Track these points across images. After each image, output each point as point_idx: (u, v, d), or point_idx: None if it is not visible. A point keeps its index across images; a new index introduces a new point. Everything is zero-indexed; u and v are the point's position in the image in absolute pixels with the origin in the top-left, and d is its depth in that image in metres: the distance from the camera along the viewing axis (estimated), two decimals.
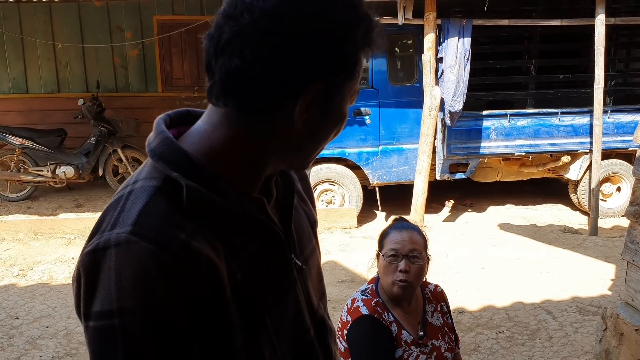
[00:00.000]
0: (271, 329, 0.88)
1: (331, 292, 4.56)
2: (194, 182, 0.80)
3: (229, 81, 0.79)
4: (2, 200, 7.42)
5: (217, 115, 0.84)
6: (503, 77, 6.73)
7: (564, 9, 6.51)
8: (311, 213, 1.09)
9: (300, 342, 0.95)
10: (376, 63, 6.45)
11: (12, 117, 8.23)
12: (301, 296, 0.96)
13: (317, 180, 6.50)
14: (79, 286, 0.77)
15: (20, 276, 5.00)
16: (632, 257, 2.80)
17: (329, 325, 1.05)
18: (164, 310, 0.74)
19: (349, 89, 0.85)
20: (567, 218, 6.80)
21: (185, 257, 0.76)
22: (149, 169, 0.84)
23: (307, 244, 1.02)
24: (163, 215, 0.78)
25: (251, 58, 0.76)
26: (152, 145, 0.83)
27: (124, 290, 0.73)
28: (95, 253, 0.75)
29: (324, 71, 0.80)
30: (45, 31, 8.40)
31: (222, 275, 0.80)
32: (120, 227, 0.76)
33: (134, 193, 0.80)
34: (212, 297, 0.78)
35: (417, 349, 2.01)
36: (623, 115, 6.59)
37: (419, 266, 2.00)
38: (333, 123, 0.87)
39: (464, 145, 6.46)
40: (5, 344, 3.76)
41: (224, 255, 0.82)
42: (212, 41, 0.79)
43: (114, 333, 0.73)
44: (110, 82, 8.71)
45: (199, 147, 0.84)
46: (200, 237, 0.79)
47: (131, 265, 0.73)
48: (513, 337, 3.79)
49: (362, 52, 0.83)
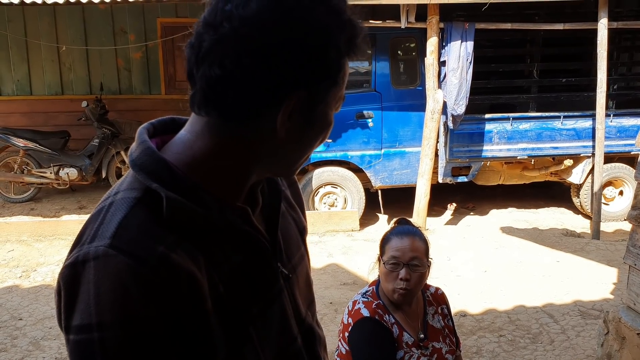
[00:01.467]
0: (256, 340, 0.87)
1: (333, 295, 4.57)
2: (174, 193, 0.79)
3: (209, 90, 0.78)
4: (6, 201, 7.45)
5: (199, 125, 0.83)
6: (506, 80, 6.73)
7: (566, 12, 6.49)
8: (300, 220, 1.07)
9: (287, 352, 0.94)
10: (379, 66, 6.46)
11: (16, 119, 8.28)
12: (288, 305, 0.95)
13: (320, 183, 6.51)
14: (60, 299, 0.77)
15: (23, 277, 5.02)
16: (634, 261, 2.80)
17: (317, 334, 1.04)
18: (143, 324, 0.74)
19: (333, 95, 0.84)
20: (569, 222, 6.80)
21: (163, 270, 0.75)
22: (130, 180, 0.83)
23: (295, 252, 1.01)
24: (142, 227, 0.77)
25: (231, 67, 0.75)
26: (134, 155, 0.82)
27: (102, 305, 0.73)
28: (74, 266, 0.75)
29: (306, 79, 0.79)
30: (50, 33, 8.44)
31: (202, 288, 0.79)
32: (99, 240, 0.75)
33: (114, 205, 0.80)
34: (192, 310, 0.77)
35: (418, 351, 2.01)
36: (626, 119, 6.58)
37: (420, 274, 2.00)
38: (317, 131, 0.86)
39: (466, 148, 6.46)
40: (9, 344, 3.78)
41: (206, 267, 0.80)
42: (193, 50, 0.78)
43: (93, 347, 0.73)
44: (114, 84, 8.74)
45: (181, 157, 0.83)
46: (180, 249, 0.78)
47: (109, 280, 0.73)
48: (515, 340, 3.79)
49: (346, 59, 0.82)
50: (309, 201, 6.49)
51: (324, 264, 5.33)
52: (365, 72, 6.69)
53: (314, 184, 6.46)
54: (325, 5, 0.78)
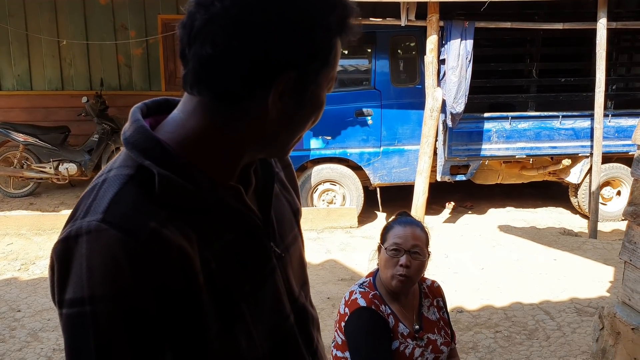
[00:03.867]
0: (248, 317, 0.87)
1: (331, 290, 4.59)
2: (166, 171, 0.79)
3: (201, 69, 0.78)
4: (5, 196, 7.46)
5: (191, 104, 0.84)
6: (505, 79, 6.75)
7: (566, 12, 6.51)
8: (294, 201, 1.07)
9: (279, 330, 0.95)
10: (379, 65, 6.48)
11: (16, 114, 8.27)
12: (280, 284, 0.95)
13: (319, 180, 6.52)
14: (53, 274, 0.78)
15: (22, 270, 5.03)
16: (629, 257, 2.82)
17: (310, 313, 1.05)
18: (134, 297, 0.74)
19: (324, 76, 0.84)
20: (567, 221, 6.81)
21: (154, 244, 0.76)
22: (123, 158, 0.84)
23: (288, 232, 1.01)
24: (134, 203, 0.78)
25: (222, 46, 0.76)
26: (127, 134, 0.83)
27: (94, 278, 0.73)
28: (67, 241, 0.76)
29: (296, 60, 0.79)
30: (50, 29, 8.44)
31: (194, 264, 0.80)
32: (91, 215, 0.76)
33: (107, 181, 0.81)
34: (183, 285, 0.78)
35: (413, 342, 2.03)
36: (624, 120, 6.60)
37: (420, 262, 2.03)
38: (309, 112, 0.86)
39: (465, 147, 6.47)
40: (7, 335, 3.80)
41: (198, 244, 0.81)
42: (185, 29, 0.79)
43: (86, 320, 0.74)
44: (114, 80, 8.75)
45: (174, 136, 0.83)
46: (172, 225, 0.78)
47: (101, 253, 0.74)
48: (511, 336, 3.81)
49: (337, 40, 0.82)
50: (308, 198, 6.50)
51: (322, 260, 5.35)
52: (365, 70, 6.71)
53: (313, 181, 6.48)
54: None
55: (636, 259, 2.77)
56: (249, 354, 0.88)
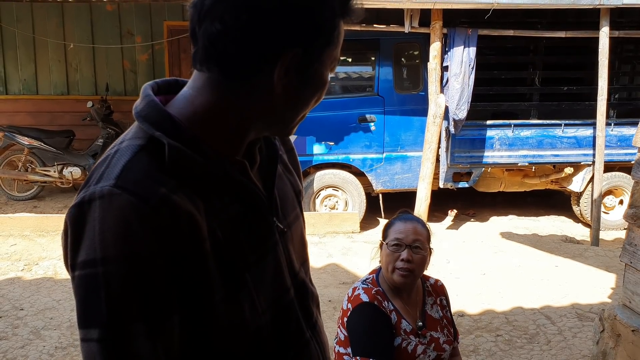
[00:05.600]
0: (251, 286, 0.90)
1: (332, 293, 4.60)
2: (176, 142, 0.83)
3: (210, 46, 0.82)
4: (9, 199, 7.50)
5: (200, 81, 0.88)
6: (508, 87, 6.78)
7: (569, 21, 6.55)
8: (296, 183, 1.12)
9: (280, 301, 0.98)
10: (382, 71, 6.52)
11: (22, 118, 8.35)
12: (282, 258, 0.99)
13: (321, 186, 6.54)
14: (66, 239, 0.81)
15: (25, 270, 5.05)
16: (629, 259, 2.83)
17: (310, 289, 1.08)
18: (144, 259, 0.77)
19: (328, 55, 0.88)
20: (569, 230, 6.81)
21: (165, 209, 0.79)
22: (135, 130, 0.87)
23: (290, 211, 1.05)
24: (145, 170, 0.81)
25: (231, 23, 0.80)
26: (138, 108, 0.87)
27: (106, 240, 0.76)
28: (81, 206, 0.79)
29: (301, 37, 0.83)
30: (57, 34, 8.52)
31: (201, 230, 0.83)
32: (104, 181, 0.79)
33: (120, 151, 0.84)
34: (191, 249, 0.81)
35: (416, 339, 2.05)
36: (626, 129, 6.61)
37: (421, 257, 2.05)
38: (313, 89, 0.90)
39: (467, 154, 6.50)
40: (10, 333, 3.81)
41: (205, 213, 0.84)
42: (195, 9, 0.83)
43: (97, 280, 0.77)
44: (120, 85, 8.81)
45: (183, 111, 0.87)
46: (181, 193, 0.82)
47: (113, 216, 0.77)
48: (512, 340, 3.81)
49: (340, 19, 0.86)
50: (310, 203, 6.53)
51: (324, 264, 5.36)
52: (369, 77, 6.76)
53: (316, 186, 6.50)
54: None
55: (636, 261, 2.78)
56: (252, 321, 0.91)
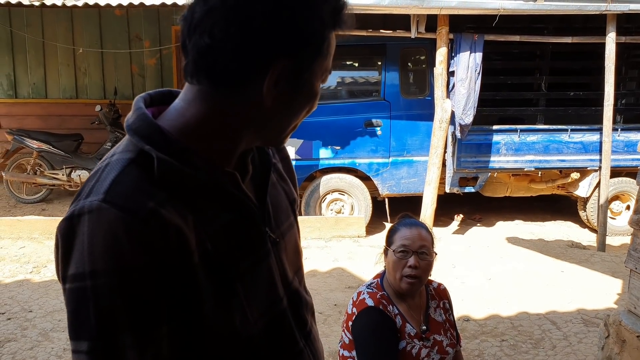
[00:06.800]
0: (242, 295, 0.91)
1: (338, 297, 4.62)
2: (165, 155, 0.84)
3: (200, 59, 0.83)
4: (18, 202, 7.57)
5: (192, 93, 0.89)
6: (514, 92, 6.79)
7: (575, 27, 6.56)
8: (290, 191, 1.12)
9: (273, 311, 0.99)
10: (389, 76, 6.55)
11: (32, 121, 8.43)
12: (275, 268, 0.99)
13: (327, 190, 6.57)
14: (57, 251, 0.83)
15: (34, 272, 5.10)
16: (634, 265, 2.84)
17: (304, 298, 1.09)
18: (132, 273, 0.79)
19: (318, 66, 0.88)
20: (575, 235, 6.80)
21: (153, 223, 0.80)
22: (125, 143, 0.88)
23: (284, 220, 1.06)
24: (134, 184, 0.82)
25: (220, 36, 0.81)
26: (129, 121, 0.88)
27: (95, 254, 0.78)
28: (71, 219, 0.81)
29: (290, 48, 0.83)
30: (66, 38, 8.61)
31: (189, 242, 0.84)
32: (93, 196, 0.81)
33: (110, 165, 0.85)
34: (179, 261, 0.83)
35: (420, 342, 2.06)
36: (633, 134, 6.60)
37: (427, 262, 2.07)
38: (303, 100, 0.90)
39: (473, 158, 6.50)
40: (19, 335, 3.86)
41: (194, 224, 0.85)
42: (185, 22, 0.84)
43: (87, 294, 0.78)
44: (128, 89, 8.87)
45: (175, 123, 0.88)
46: (170, 206, 0.83)
47: (102, 231, 0.78)
48: (517, 345, 3.82)
49: (330, 30, 0.86)
50: (316, 207, 6.56)
51: (330, 268, 5.38)
52: (375, 82, 6.78)
53: (322, 190, 6.53)
54: None
55: None
56: (243, 330, 0.93)
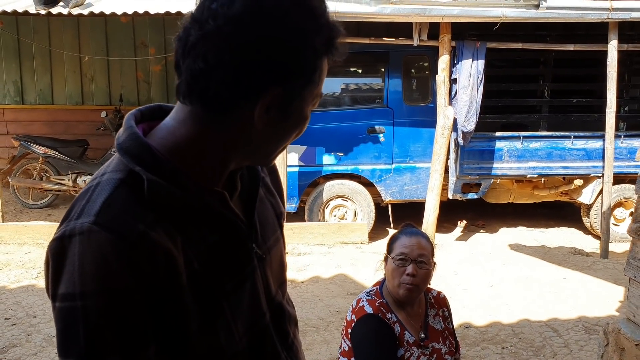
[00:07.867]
0: (228, 314, 0.94)
1: (340, 304, 4.64)
2: (155, 176, 0.85)
3: (193, 82, 0.84)
4: (24, 207, 7.63)
5: (183, 113, 0.90)
6: (517, 99, 6.81)
7: (578, 34, 6.58)
8: (277, 205, 1.14)
9: (256, 326, 1.01)
10: (391, 83, 6.59)
11: (38, 127, 8.51)
12: (260, 283, 1.01)
13: (330, 196, 6.61)
14: (48, 269, 0.85)
15: (39, 278, 5.14)
16: (633, 274, 2.85)
17: (287, 311, 1.11)
18: (121, 294, 0.81)
19: (309, 93, 0.90)
20: (579, 242, 6.80)
21: (142, 246, 0.82)
22: (116, 162, 0.89)
23: (270, 235, 1.07)
24: (124, 206, 0.84)
25: (213, 62, 0.82)
26: (120, 140, 0.89)
27: (85, 276, 0.79)
28: (62, 240, 0.82)
29: (282, 77, 0.85)
30: (73, 45, 8.68)
31: (178, 264, 0.85)
32: (84, 217, 0.82)
33: (100, 185, 0.86)
34: (167, 284, 0.84)
35: (418, 350, 2.09)
36: (636, 141, 6.62)
37: (426, 271, 2.09)
38: (293, 125, 0.92)
39: (476, 165, 6.53)
40: (23, 340, 3.90)
41: (182, 245, 0.87)
42: (180, 42, 0.85)
43: (76, 314, 0.80)
44: (133, 96, 8.93)
45: (165, 142, 0.89)
46: (159, 227, 0.84)
47: (92, 253, 0.80)
48: (518, 352, 3.83)
49: (322, 60, 0.88)
50: (319, 213, 6.59)
51: (332, 274, 5.40)
52: (378, 89, 6.82)
53: (325, 196, 6.56)
54: (303, 9, 0.84)
55: None
56: (228, 348, 0.95)
